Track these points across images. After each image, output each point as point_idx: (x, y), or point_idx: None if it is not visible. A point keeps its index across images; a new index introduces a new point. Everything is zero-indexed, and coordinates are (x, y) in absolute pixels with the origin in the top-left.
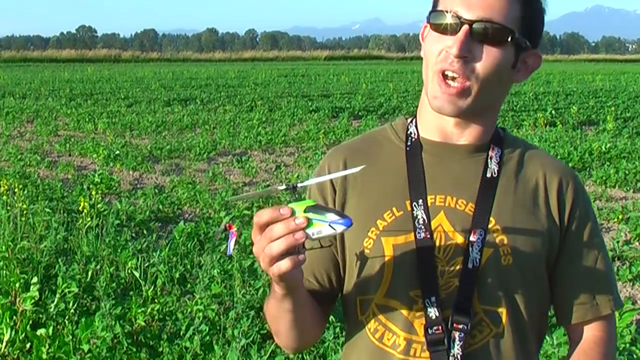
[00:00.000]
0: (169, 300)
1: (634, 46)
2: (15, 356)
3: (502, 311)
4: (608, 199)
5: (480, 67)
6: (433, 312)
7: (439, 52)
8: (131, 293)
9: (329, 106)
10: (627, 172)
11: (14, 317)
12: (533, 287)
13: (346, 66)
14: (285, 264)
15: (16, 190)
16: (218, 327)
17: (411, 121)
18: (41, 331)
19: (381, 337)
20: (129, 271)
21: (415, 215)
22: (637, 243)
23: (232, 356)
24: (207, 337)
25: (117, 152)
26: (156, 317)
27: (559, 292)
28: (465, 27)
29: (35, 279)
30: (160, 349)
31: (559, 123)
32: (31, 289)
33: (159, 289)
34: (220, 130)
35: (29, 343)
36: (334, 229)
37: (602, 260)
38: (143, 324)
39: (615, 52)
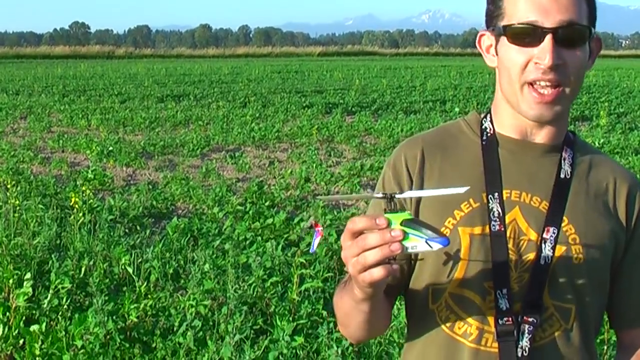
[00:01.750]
0: (162, 296)
1: (627, 42)
2: (9, 352)
3: (572, 308)
4: None
5: (571, 71)
6: (504, 304)
7: (524, 63)
8: (124, 289)
9: (322, 102)
10: None
11: (7, 314)
12: (598, 287)
13: (339, 62)
14: (378, 273)
15: (9, 186)
16: (211, 323)
17: (485, 116)
18: (34, 327)
19: (452, 325)
20: (122, 267)
21: (490, 207)
22: None
23: (225, 352)
24: (201, 333)
25: (111, 148)
26: (149, 313)
27: (617, 295)
28: (550, 36)
29: (28, 275)
30: (154, 345)
31: None
32: (24, 285)
33: (152, 285)
34: (213, 126)
35: (22, 339)
36: (430, 247)
37: None
38: (136, 319)
39: (609, 47)
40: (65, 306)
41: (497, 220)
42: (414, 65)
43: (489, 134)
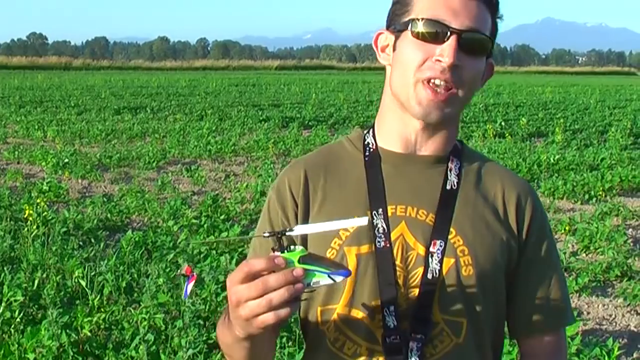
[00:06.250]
0: (115, 309)
1: (584, 58)
2: None
3: (463, 322)
4: (556, 210)
5: (467, 76)
6: (391, 321)
7: (422, 60)
8: (77, 302)
9: (279, 116)
10: (575, 183)
11: None
12: (492, 298)
13: (297, 76)
14: (285, 312)
15: None
16: (164, 337)
17: (367, 132)
18: None
19: (342, 346)
20: (76, 280)
21: (375, 224)
22: (584, 254)
23: None
24: (154, 347)
25: (66, 160)
26: (102, 327)
27: (514, 305)
28: (455, 36)
29: None
30: (107, 359)
31: (508, 135)
32: None
33: (105, 298)
34: (170, 139)
35: None
36: (334, 280)
37: (558, 274)
38: (89, 333)
39: (566, 64)
40: (17, 319)
41: (382, 236)
42: (372, 80)
43: (371, 150)
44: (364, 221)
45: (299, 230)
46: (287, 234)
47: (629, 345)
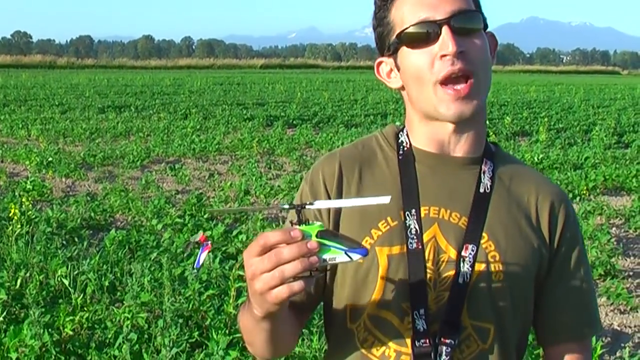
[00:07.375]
0: (98, 308)
1: (568, 57)
2: None
3: (490, 328)
4: None
5: (476, 57)
6: (421, 325)
7: (430, 62)
8: (60, 301)
9: (264, 115)
10: (559, 182)
11: None
12: (519, 305)
13: (282, 75)
14: (299, 286)
15: None
16: (147, 336)
17: (402, 129)
18: None
19: (370, 346)
20: (59, 279)
21: (407, 225)
22: None
23: None
24: (137, 346)
25: (50, 158)
26: (85, 326)
27: (543, 312)
28: (446, 26)
29: None
30: (89, 358)
31: (492, 134)
32: None
33: (88, 297)
34: (154, 138)
35: None
36: (350, 257)
37: (588, 284)
38: (71, 332)
39: (550, 63)
40: (0, 318)
41: (415, 238)
42: (356, 79)
43: (405, 149)
44: (385, 200)
45: (318, 204)
46: (307, 207)
47: (613, 344)
